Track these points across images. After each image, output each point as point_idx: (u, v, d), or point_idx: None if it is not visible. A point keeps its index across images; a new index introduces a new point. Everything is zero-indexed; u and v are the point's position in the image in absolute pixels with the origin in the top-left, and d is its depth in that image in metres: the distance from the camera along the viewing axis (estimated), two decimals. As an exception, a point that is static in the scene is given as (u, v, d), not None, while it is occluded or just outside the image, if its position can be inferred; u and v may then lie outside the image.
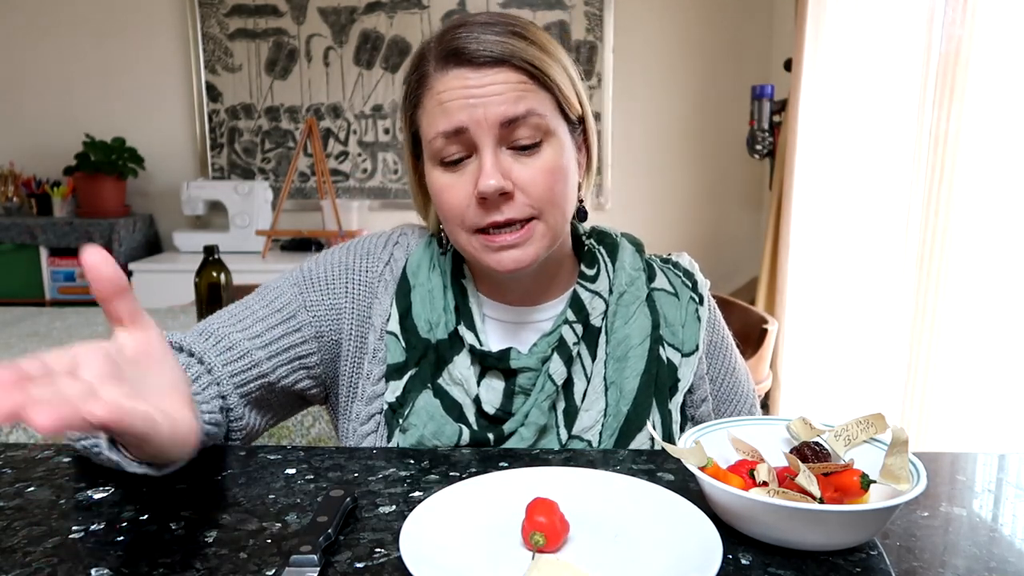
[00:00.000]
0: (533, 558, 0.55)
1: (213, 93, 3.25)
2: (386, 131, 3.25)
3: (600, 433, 0.83)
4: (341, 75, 3.21)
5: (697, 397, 0.89)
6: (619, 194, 3.21)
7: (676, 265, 0.93)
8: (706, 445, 0.63)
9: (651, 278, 0.90)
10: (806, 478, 0.58)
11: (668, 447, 0.62)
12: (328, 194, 2.96)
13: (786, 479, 0.61)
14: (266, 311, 0.86)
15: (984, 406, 1.66)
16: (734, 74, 3.13)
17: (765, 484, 0.59)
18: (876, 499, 0.59)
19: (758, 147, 2.80)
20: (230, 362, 0.81)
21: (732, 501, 0.57)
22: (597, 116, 3.15)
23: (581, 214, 0.88)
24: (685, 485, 0.68)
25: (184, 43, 3.22)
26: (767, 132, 2.76)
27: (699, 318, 0.89)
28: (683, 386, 0.86)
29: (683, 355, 0.87)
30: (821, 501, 0.57)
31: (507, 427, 0.82)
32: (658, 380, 0.85)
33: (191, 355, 0.80)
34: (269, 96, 3.24)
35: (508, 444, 0.82)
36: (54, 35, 3.23)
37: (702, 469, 0.59)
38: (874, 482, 0.60)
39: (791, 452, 0.65)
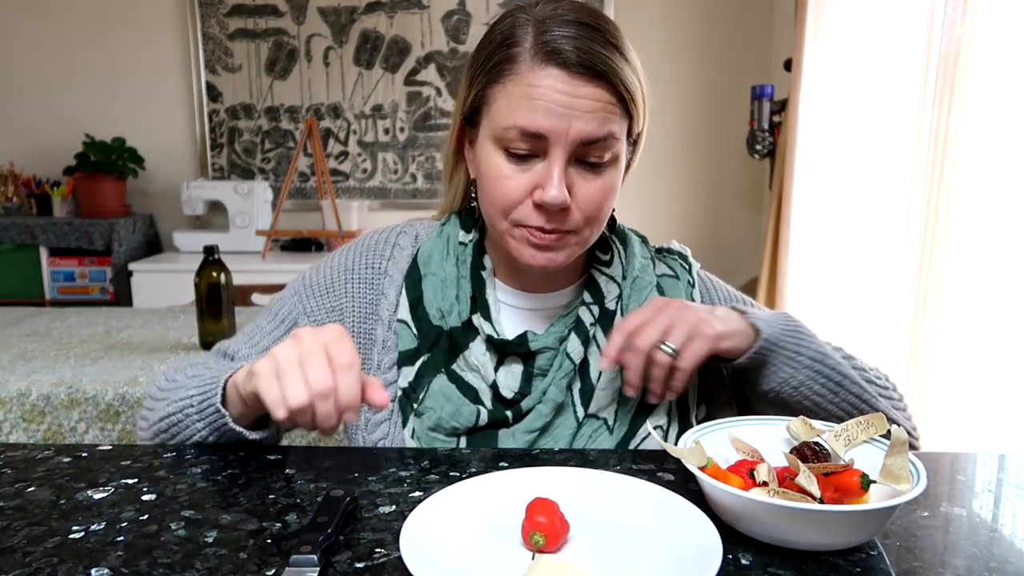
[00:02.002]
0: (533, 558, 0.55)
1: (213, 93, 3.25)
2: (386, 131, 3.25)
3: (616, 411, 0.84)
4: (341, 75, 3.22)
5: (707, 384, 0.90)
6: (619, 194, 3.20)
7: (670, 251, 0.97)
8: (706, 445, 0.63)
9: (654, 267, 0.93)
10: (806, 478, 0.58)
11: (668, 447, 0.63)
12: (328, 194, 2.96)
13: (786, 479, 0.61)
14: (271, 325, 0.90)
15: (984, 406, 1.66)
16: (734, 74, 3.13)
17: (765, 484, 0.59)
18: (876, 499, 0.59)
19: (758, 147, 2.80)
20: None
21: (732, 501, 0.57)
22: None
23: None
24: (685, 485, 0.67)
25: (184, 43, 3.22)
26: (767, 132, 2.76)
27: (692, 299, 0.92)
28: None
29: None
30: (821, 501, 0.57)
31: (525, 404, 0.83)
32: None
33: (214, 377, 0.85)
34: (269, 96, 3.24)
35: (526, 421, 0.82)
36: (54, 35, 3.23)
37: (702, 469, 0.59)
38: (874, 482, 0.60)
39: (791, 452, 0.65)
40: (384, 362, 0.87)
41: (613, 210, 0.90)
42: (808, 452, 0.64)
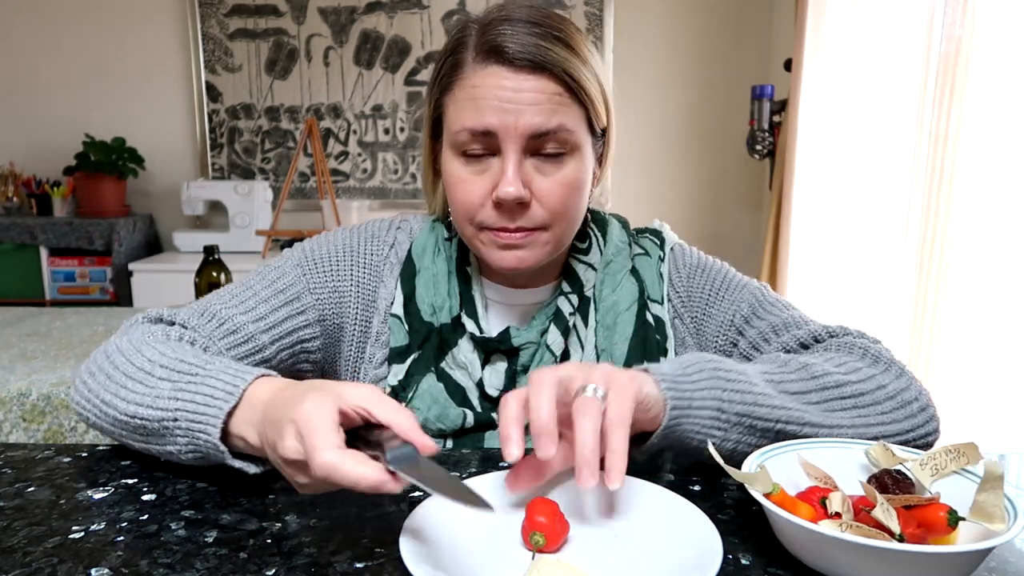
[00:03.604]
0: (533, 558, 0.55)
1: (213, 93, 3.25)
2: (386, 131, 3.25)
3: None
4: (341, 75, 3.21)
5: None
6: (619, 194, 3.20)
7: (647, 229, 0.95)
8: (773, 468, 0.58)
9: (631, 249, 0.92)
10: (884, 511, 0.52)
11: (731, 471, 0.57)
12: (328, 194, 2.96)
13: (862, 511, 0.55)
14: (269, 292, 0.84)
15: (984, 406, 1.66)
16: (734, 74, 3.13)
17: (838, 515, 0.54)
18: (965, 539, 0.54)
19: (758, 147, 2.80)
20: (234, 346, 0.80)
21: (799, 533, 0.53)
22: (597, 116, 3.15)
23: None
24: (685, 485, 0.67)
25: (184, 43, 3.22)
26: (767, 132, 2.76)
27: (661, 274, 0.89)
28: (671, 344, 0.86)
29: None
30: (901, 538, 0.52)
31: None
32: (647, 342, 0.85)
33: (192, 344, 0.77)
34: (269, 96, 3.24)
35: None
36: (54, 35, 3.23)
37: (767, 496, 0.54)
38: (963, 519, 0.54)
39: (869, 481, 0.59)
40: (376, 357, 0.86)
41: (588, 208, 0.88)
42: (889, 481, 0.58)
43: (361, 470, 0.51)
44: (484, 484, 0.64)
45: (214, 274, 1.62)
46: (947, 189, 1.71)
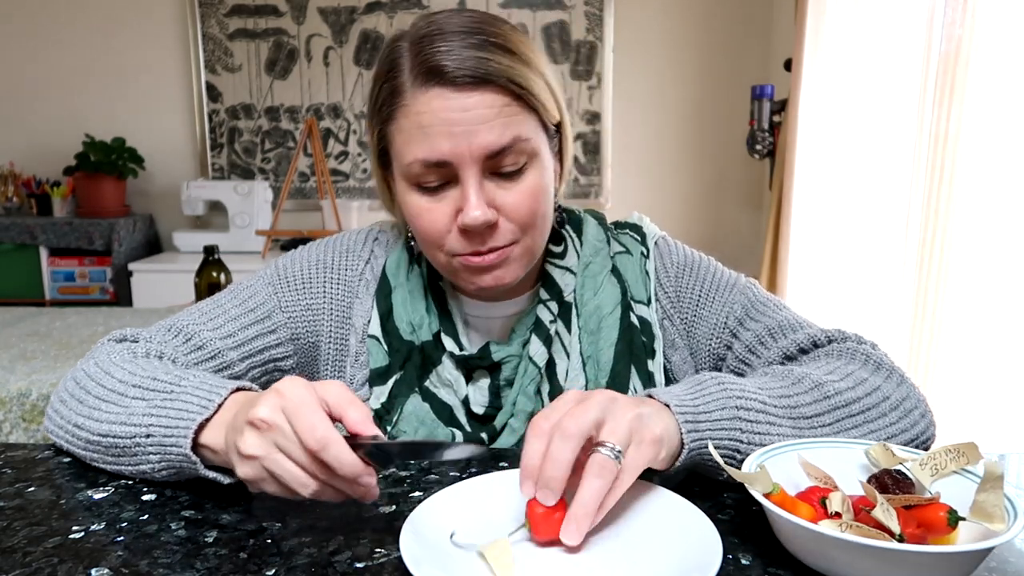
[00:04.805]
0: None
1: (213, 93, 3.25)
2: (386, 131, 3.25)
3: None
4: (341, 75, 3.22)
5: (675, 366, 0.85)
6: (619, 194, 3.21)
7: (625, 224, 0.91)
8: (773, 468, 0.58)
9: (610, 246, 0.88)
10: (884, 511, 0.52)
11: (731, 471, 0.57)
12: (328, 194, 2.96)
13: (862, 511, 0.55)
14: (239, 310, 0.82)
15: (984, 406, 1.67)
16: (734, 74, 3.13)
17: (838, 515, 0.54)
18: (965, 539, 0.54)
19: (758, 147, 2.80)
20: (200, 362, 0.78)
21: (799, 533, 0.53)
22: (596, 116, 3.15)
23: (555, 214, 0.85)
24: (685, 485, 0.67)
25: (184, 43, 3.22)
26: (767, 132, 2.76)
27: (647, 272, 0.86)
28: (659, 345, 0.84)
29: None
30: (901, 538, 0.51)
31: (497, 421, 0.80)
32: (633, 346, 0.83)
33: (160, 358, 0.76)
34: (269, 96, 3.24)
35: (502, 439, 0.80)
36: (54, 35, 3.23)
37: (767, 496, 0.54)
38: (963, 519, 0.54)
39: (869, 480, 0.59)
40: (357, 378, 0.84)
41: (560, 208, 0.84)
42: (889, 481, 0.57)
43: (351, 455, 0.55)
44: (484, 484, 0.64)
45: (214, 274, 1.62)
46: (947, 189, 1.71)
